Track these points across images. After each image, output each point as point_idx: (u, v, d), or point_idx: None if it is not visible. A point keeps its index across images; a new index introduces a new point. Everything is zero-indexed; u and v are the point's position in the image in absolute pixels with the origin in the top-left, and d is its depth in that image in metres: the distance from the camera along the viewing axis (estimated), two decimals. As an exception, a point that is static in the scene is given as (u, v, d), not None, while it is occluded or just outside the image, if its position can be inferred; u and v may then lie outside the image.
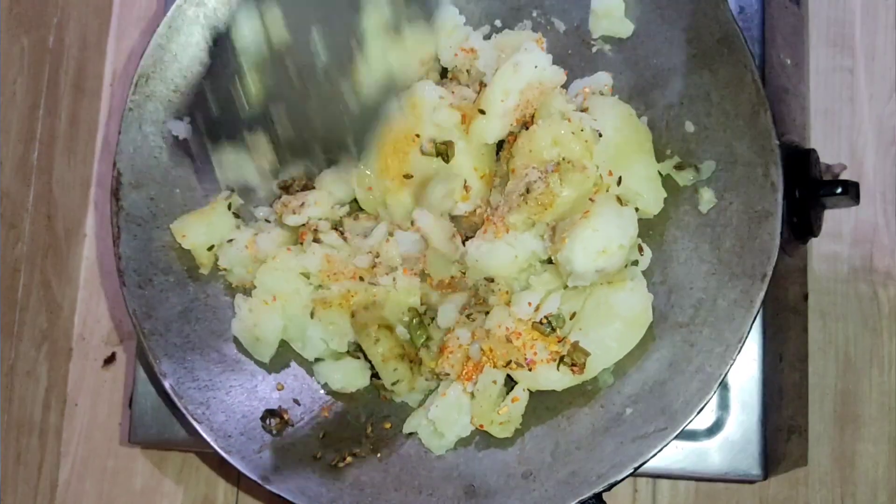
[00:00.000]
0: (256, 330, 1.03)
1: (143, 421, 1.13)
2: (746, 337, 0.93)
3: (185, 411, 0.99)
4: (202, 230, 1.06)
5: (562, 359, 0.96)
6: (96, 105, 1.42)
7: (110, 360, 1.36)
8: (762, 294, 0.93)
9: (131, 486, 1.32)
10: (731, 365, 0.93)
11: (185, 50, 1.07)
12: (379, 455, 1.01)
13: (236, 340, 1.06)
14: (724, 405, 1.02)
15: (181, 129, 1.08)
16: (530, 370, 0.97)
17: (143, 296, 1.03)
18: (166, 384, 1.00)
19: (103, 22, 1.43)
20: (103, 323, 1.37)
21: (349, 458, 1.00)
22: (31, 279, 1.29)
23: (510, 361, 0.98)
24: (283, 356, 1.06)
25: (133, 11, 1.44)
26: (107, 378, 1.36)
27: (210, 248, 1.06)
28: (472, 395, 1.00)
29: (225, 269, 1.07)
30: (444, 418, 1.00)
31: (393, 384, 1.01)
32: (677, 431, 0.92)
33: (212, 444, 0.98)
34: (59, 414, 1.34)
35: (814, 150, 1.09)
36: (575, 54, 1.07)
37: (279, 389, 1.04)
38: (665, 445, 0.92)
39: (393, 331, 1.02)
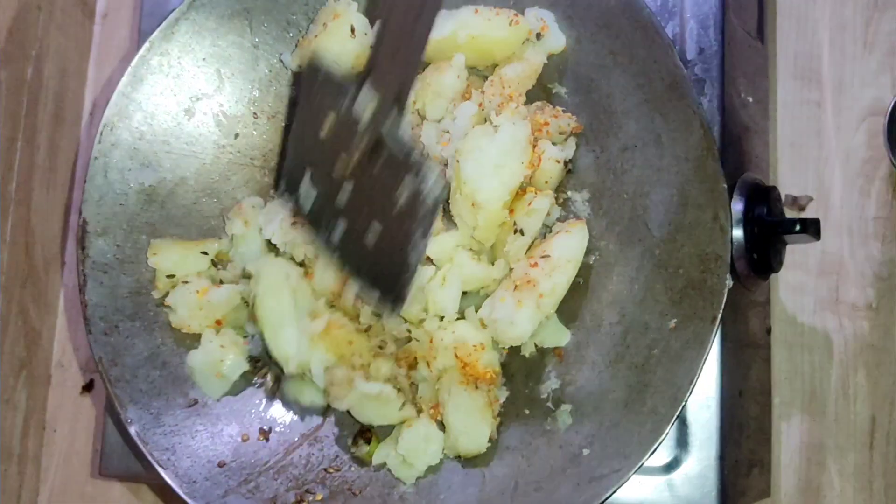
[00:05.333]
0: (221, 365, 1.05)
1: (114, 454, 1.15)
2: (697, 379, 0.95)
3: (150, 458, 1.00)
4: (172, 257, 1.09)
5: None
6: (76, 134, 1.44)
7: (89, 386, 1.37)
8: (712, 336, 0.95)
9: (108, 512, 1.33)
10: (683, 406, 0.95)
11: (150, 99, 1.09)
12: (343, 499, 1.02)
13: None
14: (683, 442, 1.03)
15: (147, 177, 1.09)
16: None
17: (109, 343, 1.04)
18: (132, 431, 1.01)
19: (83, 53, 1.44)
20: (82, 350, 1.38)
21: (312, 502, 1.01)
22: (9, 308, 1.31)
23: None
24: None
25: (113, 42, 1.45)
26: (85, 405, 1.37)
27: (170, 277, 1.08)
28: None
29: (168, 307, 1.08)
30: (413, 449, 1.02)
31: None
32: (632, 472, 0.94)
33: (177, 489, 0.99)
34: (37, 441, 1.36)
35: (775, 188, 1.10)
36: (532, 96, 1.09)
37: (244, 441, 1.06)
38: (619, 486, 0.94)
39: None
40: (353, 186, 0.98)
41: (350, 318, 1.07)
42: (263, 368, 1.09)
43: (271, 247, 1.10)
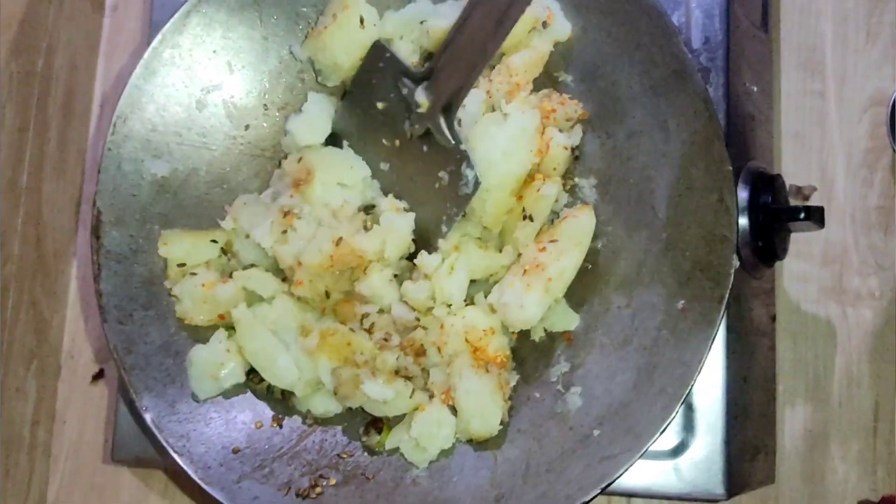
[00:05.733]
0: (220, 369, 1.06)
1: (126, 440, 1.16)
2: (705, 358, 0.96)
3: (166, 444, 1.01)
4: (182, 246, 1.09)
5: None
6: (86, 126, 1.45)
7: (98, 376, 1.38)
8: (720, 317, 0.96)
9: (118, 501, 1.34)
10: (692, 386, 0.96)
11: (162, 90, 1.10)
12: (356, 483, 1.03)
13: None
14: (689, 426, 1.05)
15: (160, 168, 1.11)
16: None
17: (124, 331, 1.05)
18: (147, 418, 1.02)
19: (93, 45, 1.46)
20: (92, 340, 1.39)
21: (326, 486, 1.02)
22: (19, 299, 1.32)
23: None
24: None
25: (122, 34, 1.46)
26: (94, 394, 1.38)
27: (181, 266, 1.09)
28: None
29: (175, 296, 1.09)
30: (425, 433, 1.03)
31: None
32: (642, 452, 0.95)
33: (192, 475, 1.00)
34: (47, 430, 1.37)
35: (779, 175, 1.12)
36: (539, 84, 1.10)
37: (258, 427, 1.07)
38: (630, 466, 0.95)
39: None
40: (395, 161, 1.08)
41: (342, 320, 1.07)
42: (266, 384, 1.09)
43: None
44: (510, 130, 1.02)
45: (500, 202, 1.04)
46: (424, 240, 1.07)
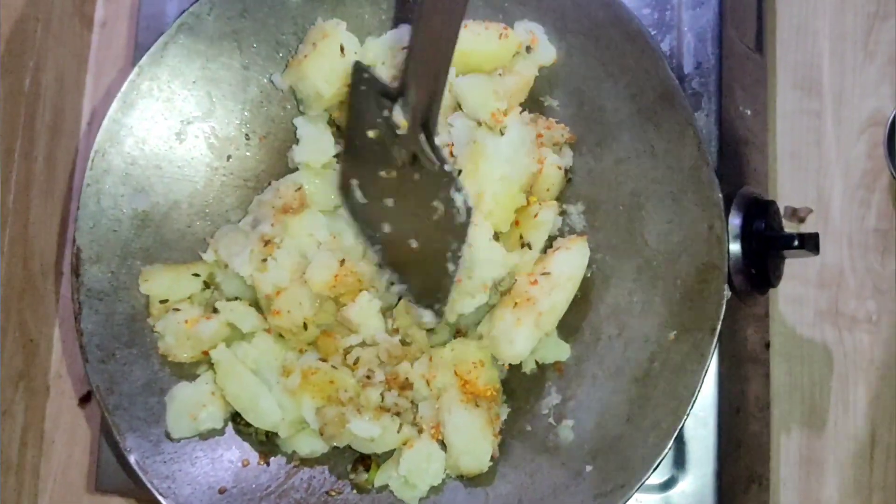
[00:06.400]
0: (201, 410, 1.04)
1: (110, 470, 1.14)
2: (699, 391, 0.94)
3: (150, 486, 1.00)
4: (163, 282, 1.08)
5: None
6: (74, 143, 1.43)
7: (87, 397, 1.37)
8: (712, 347, 0.95)
9: (107, 524, 1.33)
10: (686, 419, 0.94)
11: (141, 123, 1.09)
12: None
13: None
14: (680, 459, 1.03)
15: (141, 202, 1.09)
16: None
17: (107, 370, 1.04)
18: (131, 459, 1.01)
19: (81, 62, 1.44)
20: (80, 360, 1.37)
21: None
22: (6, 320, 1.30)
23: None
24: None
25: (111, 50, 1.45)
26: (83, 416, 1.37)
27: (163, 302, 1.07)
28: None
29: (157, 332, 1.07)
30: (414, 469, 1.01)
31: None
32: (636, 488, 0.94)
33: None
34: (36, 452, 1.36)
35: (773, 202, 1.10)
36: (524, 109, 1.08)
37: (245, 465, 1.05)
38: (624, 503, 0.93)
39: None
40: (396, 195, 1.02)
41: (324, 355, 1.06)
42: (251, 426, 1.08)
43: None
44: (511, 138, 1.02)
45: (507, 200, 1.02)
46: (434, 284, 1.02)
